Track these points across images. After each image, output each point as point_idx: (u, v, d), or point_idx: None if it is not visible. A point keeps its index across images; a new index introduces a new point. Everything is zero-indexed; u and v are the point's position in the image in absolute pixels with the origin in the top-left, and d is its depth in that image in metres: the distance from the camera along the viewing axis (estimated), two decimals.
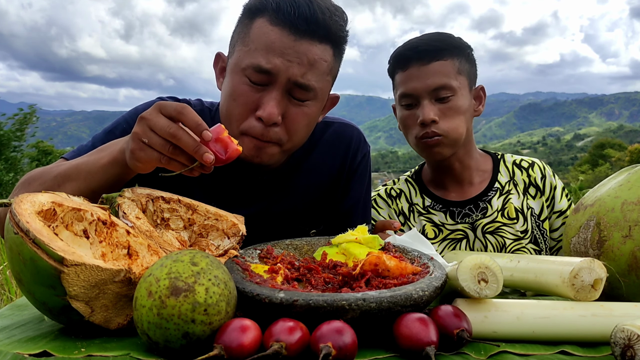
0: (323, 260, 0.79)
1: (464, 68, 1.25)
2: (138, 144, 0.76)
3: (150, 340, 0.53)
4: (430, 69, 1.20)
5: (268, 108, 0.94)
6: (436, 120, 1.20)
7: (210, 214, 0.86)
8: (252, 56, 0.95)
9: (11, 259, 0.58)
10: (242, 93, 0.96)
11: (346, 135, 1.22)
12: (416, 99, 1.23)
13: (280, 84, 0.95)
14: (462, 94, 1.23)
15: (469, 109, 1.26)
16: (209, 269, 0.56)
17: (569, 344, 0.61)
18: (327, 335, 0.52)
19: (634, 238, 0.73)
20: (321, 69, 0.98)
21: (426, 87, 1.20)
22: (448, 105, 1.21)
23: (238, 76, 0.97)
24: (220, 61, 1.09)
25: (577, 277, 0.66)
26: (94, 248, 0.65)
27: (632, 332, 0.52)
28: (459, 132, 1.23)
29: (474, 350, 0.59)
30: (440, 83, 1.20)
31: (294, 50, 0.94)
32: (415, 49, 1.22)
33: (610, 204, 0.78)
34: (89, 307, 0.57)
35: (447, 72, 1.21)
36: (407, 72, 1.23)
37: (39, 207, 0.61)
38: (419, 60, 1.21)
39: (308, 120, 1.01)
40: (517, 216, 1.29)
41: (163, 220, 0.84)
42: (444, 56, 1.21)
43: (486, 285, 0.63)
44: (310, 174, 1.17)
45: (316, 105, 1.02)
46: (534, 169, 1.34)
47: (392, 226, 1.10)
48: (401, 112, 1.28)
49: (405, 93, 1.24)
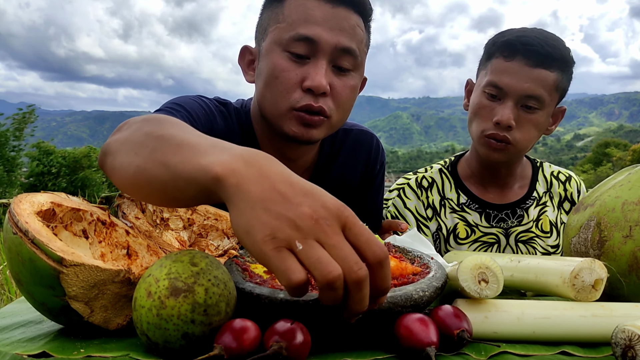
0: None
1: (561, 85, 1.17)
2: (277, 243, 0.45)
3: (150, 340, 0.53)
4: (533, 74, 1.12)
5: (317, 77, 0.92)
6: (512, 125, 1.14)
7: (210, 214, 0.85)
8: (292, 29, 0.93)
9: (10, 259, 0.58)
10: (285, 68, 0.94)
11: (366, 143, 1.21)
12: (503, 95, 1.15)
13: (325, 53, 0.93)
14: (547, 111, 1.17)
15: (544, 125, 1.20)
16: (208, 269, 0.55)
17: (570, 345, 0.61)
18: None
19: (635, 238, 0.73)
20: (359, 36, 0.97)
21: (519, 90, 1.13)
22: (530, 116, 1.15)
23: (277, 53, 0.95)
24: (247, 54, 1.06)
25: (577, 277, 0.66)
26: (93, 248, 0.65)
27: (632, 332, 0.52)
28: (528, 146, 1.18)
29: (474, 351, 0.59)
30: (535, 93, 1.13)
31: (334, 16, 0.93)
32: (528, 45, 1.13)
33: (610, 204, 0.78)
34: (88, 308, 0.57)
35: (547, 84, 1.13)
36: (508, 63, 1.14)
37: (38, 207, 0.61)
38: (525, 58, 1.13)
39: (352, 93, 1.00)
40: (550, 230, 1.27)
41: (162, 220, 0.84)
42: (551, 66, 1.13)
43: (486, 286, 0.63)
44: (333, 184, 1.16)
45: (357, 77, 1.00)
46: (571, 183, 1.32)
47: (399, 227, 1.07)
48: (480, 98, 1.19)
49: (495, 83, 1.15)
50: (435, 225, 1.29)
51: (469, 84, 1.29)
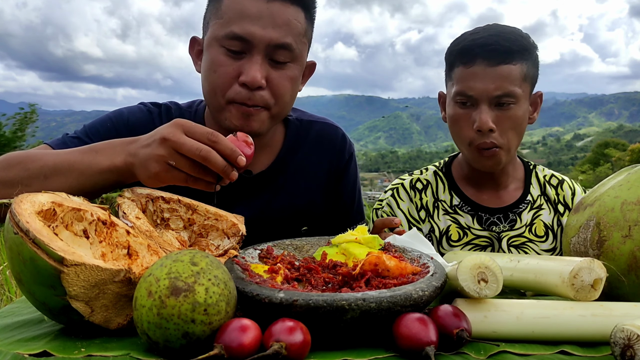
0: (323, 260, 0.79)
1: (529, 73, 1.15)
2: (164, 166, 0.75)
3: (150, 340, 0.53)
4: (497, 72, 1.11)
5: (251, 72, 0.95)
6: (494, 128, 1.12)
7: (210, 214, 0.86)
8: (227, 26, 0.96)
9: (11, 259, 0.58)
10: (222, 63, 0.97)
11: (331, 135, 1.22)
12: (474, 101, 1.13)
13: (259, 49, 0.96)
14: (523, 102, 1.15)
15: (525, 117, 1.17)
16: (208, 269, 0.56)
17: (569, 344, 0.61)
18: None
19: (634, 238, 0.73)
20: (296, 29, 0.99)
21: (488, 92, 1.11)
22: (507, 113, 1.13)
23: (215, 48, 0.98)
24: (196, 45, 1.10)
25: (576, 277, 0.66)
26: (93, 248, 0.65)
27: (631, 332, 0.52)
28: (516, 143, 1.17)
29: (473, 350, 0.59)
30: (504, 90, 1.11)
31: (268, 12, 0.95)
32: (484, 47, 1.11)
33: (610, 204, 0.78)
34: (89, 307, 0.57)
35: (514, 78, 1.11)
36: (470, 69, 1.13)
37: (39, 207, 0.61)
38: (485, 60, 1.11)
39: (291, 84, 1.02)
40: (546, 234, 1.25)
41: (163, 220, 0.84)
42: (513, 59, 1.11)
43: (486, 285, 0.63)
44: (297, 174, 1.17)
45: (297, 68, 1.03)
46: (563, 186, 1.30)
47: (393, 222, 1.05)
48: (454, 109, 1.18)
49: (463, 92, 1.14)
50: (427, 227, 1.28)
51: (441, 97, 1.28)
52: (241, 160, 0.76)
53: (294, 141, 1.18)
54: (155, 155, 0.76)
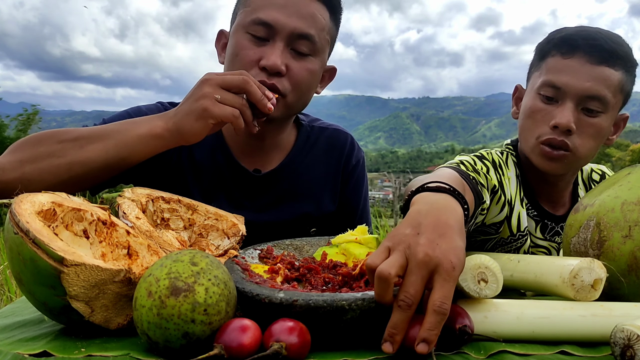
0: (323, 260, 0.80)
1: (626, 87, 1.04)
2: (212, 101, 0.83)
3: (150, 340, 0.53)
4: (596, 72, 0.99)
5: (272, 57, 0.97)
6: (572, 129, 0.99)
7: (210, 214, 0.86)
8: (253, 13, 0.99)
9: (11, 259, 0.58)
10: (245, 47, 1.00)
11: (340, 141, 1.22)
12: (561, 96, 1.02)
13: (282, 36, 0.98)
14: (611, 114, 1.03)
15: (607, 132, 1.05)
16: (208, 269, 0.56)
17: (569, 344, 0.61)
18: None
19: (634, 238, 0.73)
20: (320, 24, 1.02)
21: (581, 90, 0.99)
22: (592, 120, 1.01)
23: (240, 34, 1.01)
24: (222, 37, 1.12)
25: (577, 277, 0.66)
26: (94, 248, 0.65)
27: (631, 332, 0.52)
28: (589, 154, 1.04)
29: (473, 350, 0.59)
30: (598, 93, 0.99)
31: (294, 2, 0.98)
32: (590, 40, 1.00)
33: (610, 204, 0.78)
34: (89, 307, 0.57)
35: (611, 84, 1.00)
36: (567, 60, 1.01)
37: (39, 207, 0.61)
38: (588, 54, 1.00)
39: (310, 76, 1.03)
40: None
41: (163, 220, 0.84)
42: (616, 64, 1.00)
43: (486, 285, 0.63)
44: (305, 176, 1.17)
45: (317, 62, 1.04)
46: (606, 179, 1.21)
47: None
48: (533, 101, 1.05)
49: (552, 83, 1.02)
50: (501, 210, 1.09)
51: (518, 90, 1.17)
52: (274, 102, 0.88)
53: (304, 144, 1.18)
54: (202, 94, 0.84)
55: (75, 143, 0.85)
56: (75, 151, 0.84)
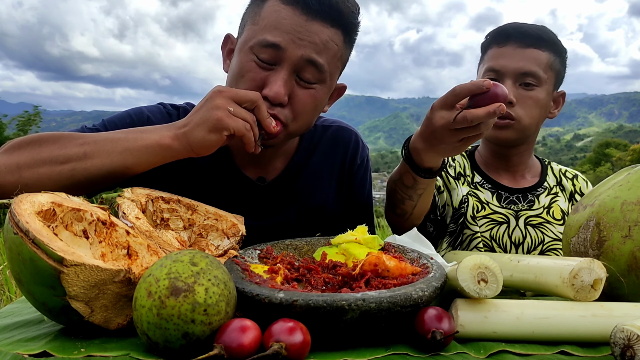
0: (323, 260, 0.79)
1: (555, 66, 1.26)
2: (226, 113, 0.83)
3: (150, 340, 0.53)
4: (526, 53, 1.22)
5: (275, 87, 0.92)
6: (513, 102, 1.21)
7: (210, 214, 0.86)
8: (261, 33, 0.94)
9: (11, 259, 0.58)
10: (250, 70, 0.95)
11: (345, 139, 1.21)
12: (500, 76, 1.23)
13: (289, 63, 0.93)
14: (546, 89, 1.25)
15: (546, 106, 1.27)
16: (208, 269, 0.56)
17: (569, 344, 0.61)
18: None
19: (634, 238, 0.73)
20: (332, 51, 0.97)
21: (515, 69, 1.22)
22: (529, 93, 1.23)
23: (246, 54, 0.96)
24: (229, 43, 1.08)
25: (576, 277, 0.66)
26: (93, 248, 0.65)
27: (631, 332, 0.52)
28: (531, 121, 1.24)
29: (473, 350, 0.59)
30: (530, 69, 1.21)
31: (305, 29, 0.93)
32: (519, 29, 1.24)
33: (610, 204, 0.78)
34: (89, 307, 0.57)
35: (540, 62, 1.23)
36: (502, 48, 1.25)
37: (39, 207, 0.61)
38: (518, 41, 1.23)
39: (315, 104, 0.99)
40: (562, 218, 1.30)
41: (163, 220, 0.84)
42: (542, 46, 1.23)
43: (486, 286, 0.63)
44: (310, 179, 1.16)
45: (324, 90, 1.00)
46: (578, 179, 1.38)
47: (483, 85, 0.81)
48: None
49: (492, 68, 1.25)
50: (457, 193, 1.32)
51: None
52: (278, 124, 0.93)
53: (307, 146, 1.17)
54: (215, 104, 0.83)
55: (79, 150, 0.83)
56: (79, 158, 0.82)
